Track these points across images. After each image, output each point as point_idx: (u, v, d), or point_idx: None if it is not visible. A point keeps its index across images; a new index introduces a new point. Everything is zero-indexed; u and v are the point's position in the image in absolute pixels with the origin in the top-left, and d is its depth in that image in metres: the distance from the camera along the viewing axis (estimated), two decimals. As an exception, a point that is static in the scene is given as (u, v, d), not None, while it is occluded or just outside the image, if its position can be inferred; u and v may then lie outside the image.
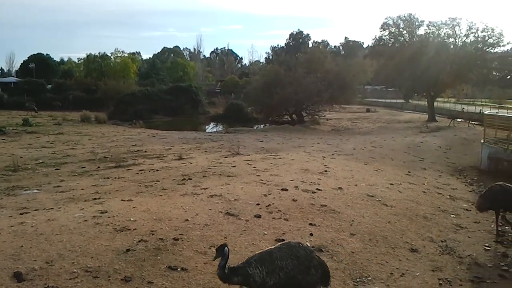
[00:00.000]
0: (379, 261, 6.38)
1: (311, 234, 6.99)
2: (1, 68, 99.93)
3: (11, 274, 5.02)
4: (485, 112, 21.67)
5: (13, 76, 76.03)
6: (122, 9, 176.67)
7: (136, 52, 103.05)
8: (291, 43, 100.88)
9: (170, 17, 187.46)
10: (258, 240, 6.58)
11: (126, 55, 73.15)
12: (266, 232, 6.91)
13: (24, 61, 74.23)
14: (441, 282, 5.91)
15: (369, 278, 5.83)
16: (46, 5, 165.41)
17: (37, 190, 10.17)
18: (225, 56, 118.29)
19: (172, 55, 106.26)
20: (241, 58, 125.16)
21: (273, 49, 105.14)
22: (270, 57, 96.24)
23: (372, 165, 14.14)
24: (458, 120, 33.96)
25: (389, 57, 37.35)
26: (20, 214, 7.61)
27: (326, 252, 6.40)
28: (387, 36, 38.80)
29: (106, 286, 4.99)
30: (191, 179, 10.81)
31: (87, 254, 5.63)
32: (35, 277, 5.01)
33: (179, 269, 5.44)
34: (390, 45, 38.78)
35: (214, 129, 39.95)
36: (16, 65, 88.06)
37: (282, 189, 9.36)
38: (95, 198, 8.81)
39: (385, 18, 38.50)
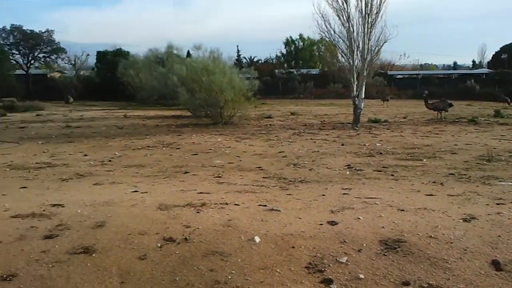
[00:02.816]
0: None
1: None
2: (473, 60, 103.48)
3: (489, 260, 5.12)
4: None
5: (484, 68, 77.21)
6: None
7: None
8: None
9: None
10: None
11: None
12: None
13: (496, 52, 74.17)
14: None
15: None
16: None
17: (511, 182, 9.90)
18: None
19: None
20: None
21: None
22: None
23: None
24: None
25: None
26: (496, 204, 7.61)
27: None
28: None
29: None
30: None
31: None
32: (511, 270, 4.86)
33: None
34: None
35: None
36: (488, 57, 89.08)
37: None
38: None
39: None
